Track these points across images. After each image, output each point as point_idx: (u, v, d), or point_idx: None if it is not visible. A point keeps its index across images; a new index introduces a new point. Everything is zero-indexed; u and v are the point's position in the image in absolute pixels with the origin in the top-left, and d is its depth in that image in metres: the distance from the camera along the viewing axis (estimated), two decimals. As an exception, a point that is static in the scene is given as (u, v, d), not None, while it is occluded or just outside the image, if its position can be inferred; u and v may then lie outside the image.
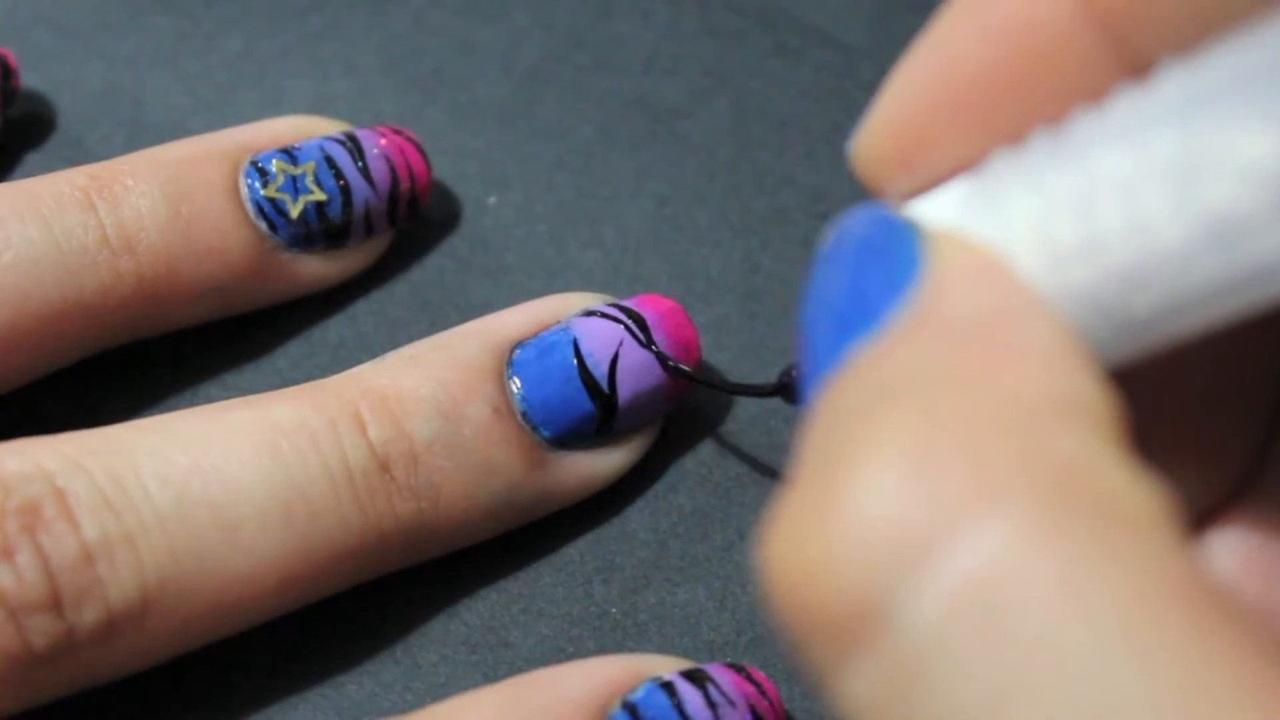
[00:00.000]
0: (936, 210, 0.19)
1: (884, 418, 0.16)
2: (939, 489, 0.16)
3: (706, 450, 0.30)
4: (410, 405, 0.27)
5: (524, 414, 0.28)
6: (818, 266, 0.19)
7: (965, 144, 0.19)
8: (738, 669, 0.26)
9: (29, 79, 0.34)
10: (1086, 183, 0.17)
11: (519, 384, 0.28)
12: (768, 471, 0.30)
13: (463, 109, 0.35)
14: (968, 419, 0.16)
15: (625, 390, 0.28)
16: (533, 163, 0.34)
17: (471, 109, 0.35)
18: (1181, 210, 0.16)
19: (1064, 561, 0.15)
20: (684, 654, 0.27)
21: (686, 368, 0.29)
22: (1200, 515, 0.20)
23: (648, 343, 0.28)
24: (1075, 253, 0.17)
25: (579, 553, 0.29)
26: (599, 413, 0.28)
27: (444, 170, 0.33)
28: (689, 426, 0.30)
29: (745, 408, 0.30)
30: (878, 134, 0.20)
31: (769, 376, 0.31)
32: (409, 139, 0.31)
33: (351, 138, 0.31)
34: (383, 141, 0.31)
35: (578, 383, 0.28)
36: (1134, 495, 0.16)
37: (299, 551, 0.26)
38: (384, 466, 0.27)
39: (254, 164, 0.30)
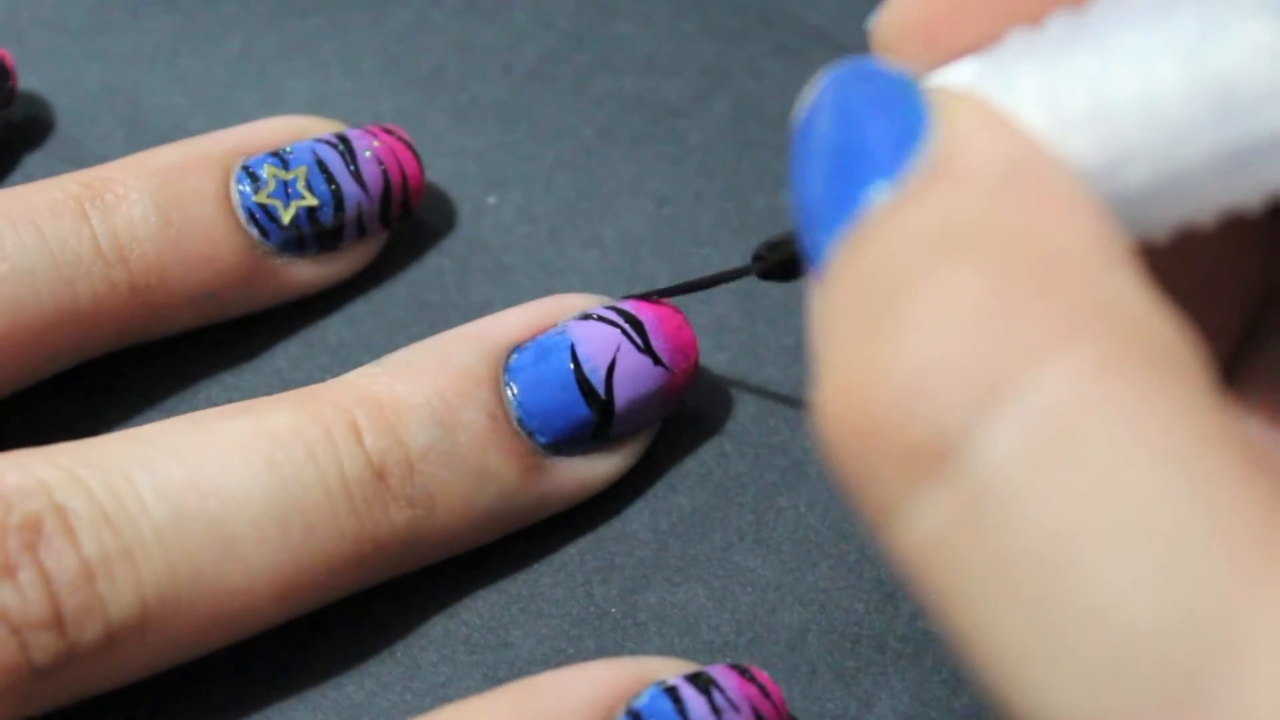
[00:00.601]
0: (945, 78, 0.20)
1: (944, 265, 0.17)
2: (1012, 328, 0.16)
3: (707, 450, 0.30)
4: (405, 413, 0.27)
5: (519, 420, 0.28)
6: (806, 119, 0.19)
7: (987, 22, 0.20)
8: (740, 670, 0.26)
9: (28, 79, 0.34)
10: (1100, 57, 0.18)
11: (515, 390, 0.28)
12: (768, 471, 0.30)
13: (463, 109, 0.35)
14: (1025, 266, 0.17)
15: (622, 396, 0.28)
16: (532, 163, 0.34)
17: (471, 109, 0.35)
18: (1188, 82, 0.17)
19: (1129, 400, 0.16)
20: (684, 654, 0.27)
21: (653, 293, 0.29)
22: None
23: (645, 348, 0.28)
24: (1080, 120, 0.18)
25: (579, 552, 0.29)
26: (595, 418, 0.28)
27: (444, 170, 0.33)
28: (689, 426, 0.30)
29: (745, 408, 0.31)
30: (901, 8, 0.20)
31: (770, 375, 0.31)
32: (400, 139, 0.31)
33: (344, 140, 0.31)
34: (375, 143, 0.31)
35: (574, 389, 0.28)
36: (1177, 337, 0.17)
37: (295, 563, 0.26)
38: (380, 475, 0.27)
39: (245, 169, 0.30)
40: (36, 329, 0.28)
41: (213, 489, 0.25)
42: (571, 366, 0.28)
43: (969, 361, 0.16)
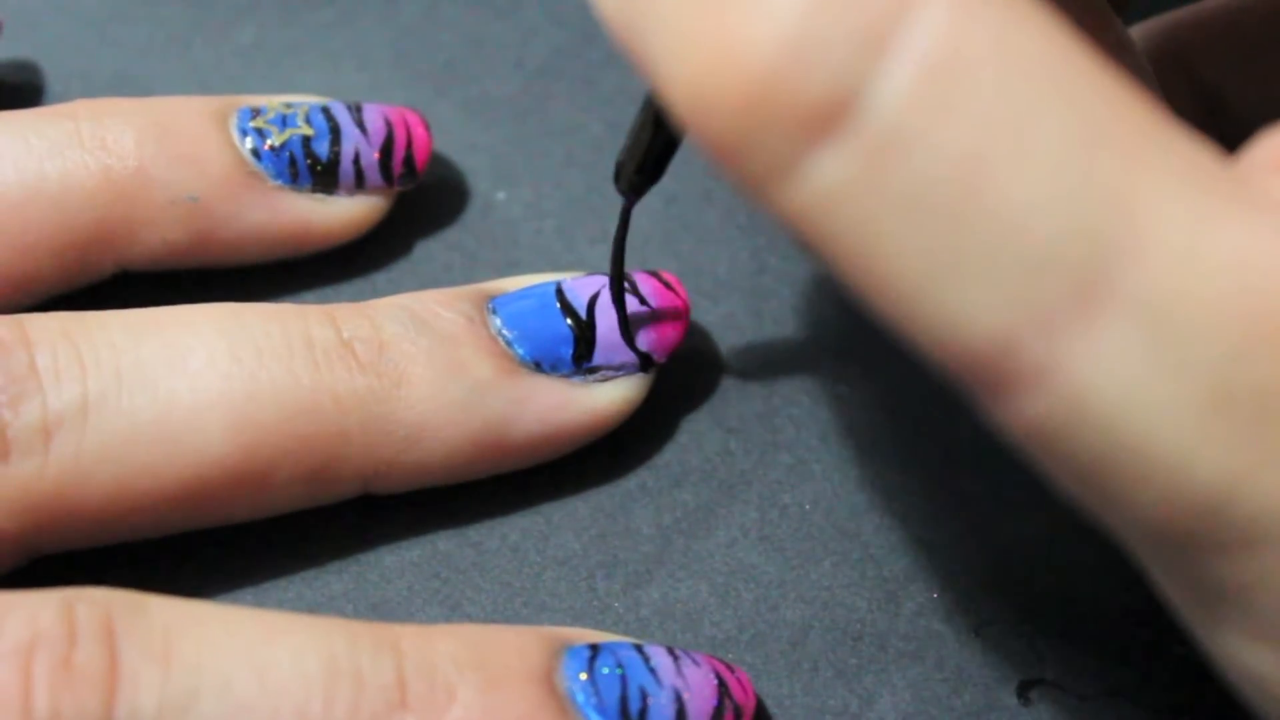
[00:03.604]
0: None
1: None
2: None
3: (711, 446, 0.30)
4: (383, 309, 0.28)
5: (499, 330, 0.28)
6: None
7: None
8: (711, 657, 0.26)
9: (42, 68, 0.34)
10: None
11: (498, 313, 0.28)
12: (772, 469, 0.30)
13: (473, 104, 0.35)
14: None
15: (604, 322, 0.28)
16: (542, 158, 0.34)
17: (482, 104, 0.35)
18: None
19: (996, 30, 0.17)
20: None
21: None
22: None
23: (631, 290, 0.29)
24: None
25: (582, 547, 0.29)
26: (575, 334, 0.28)
27: (454, 165, 0.34)
28: (693, 422, 0.30)
29: (751, 405, 0.31)
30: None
31: (775, 373, 0.31)
32: (413, 111, 0.32)
33: (356, 104, 0.31)
34: (383, 107, 0.31)
35: (554, 308, 0.28)
36: None
37: (246, 392, 0.26)
38: (347, 345, 0.27)
39: (250, 107, 0.30)
40: (4, 205, 0.28)
41: (172, 320, 0.26)
42: (554, 293, 0.29)
43: (850, 15, 0.17)
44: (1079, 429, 0.18)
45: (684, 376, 0.31)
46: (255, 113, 0.30)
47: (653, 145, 0.26)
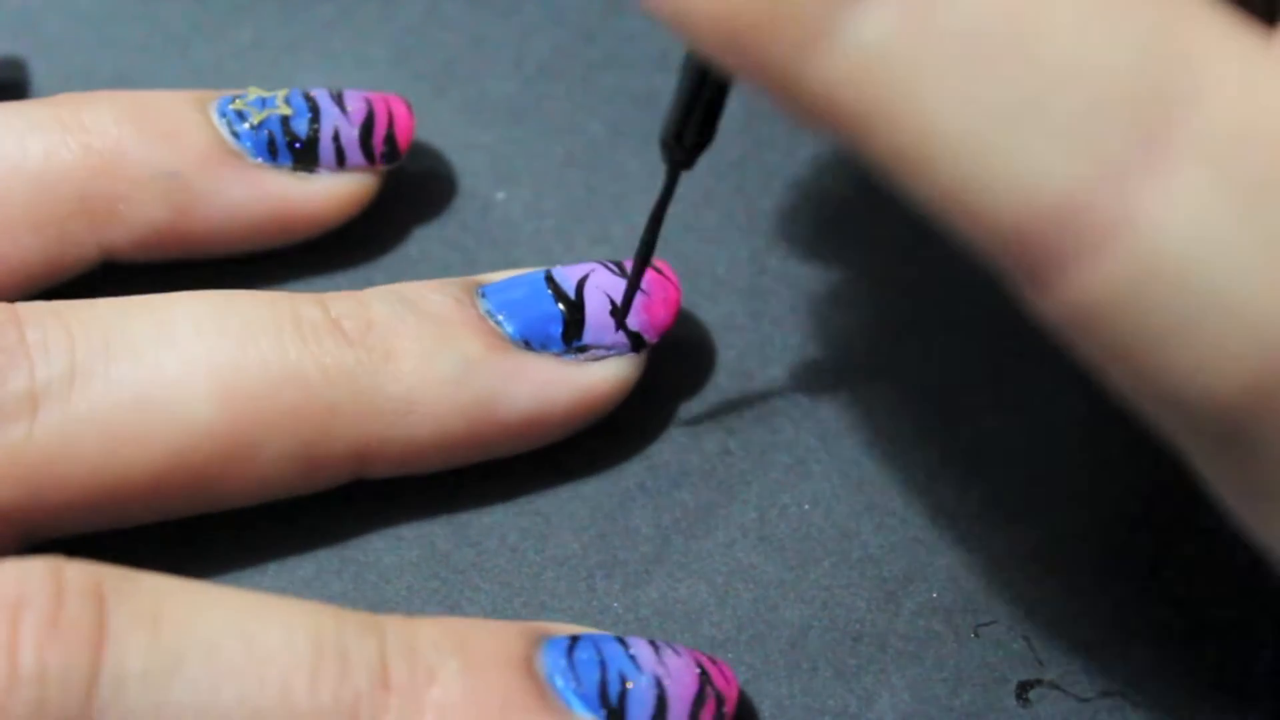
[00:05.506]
0: None
1: None
2: None
3: (710, 447, 0.30)
4: (372, 293, 0.28)
5: (488, 312, 0.28)
6: None
7: None
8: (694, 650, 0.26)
9: (41, 67, 0.34)
10: None
11: (487, 298, 0.29)
12: (771, 469, 0.30)
13: (473, 103, 0.35)
14: None
15: (593, 302, 0.29)
16: (542, 158, 0.34)
17: (481, 103, 0.35)
18: None
19: None
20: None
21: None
22: None
23: (620, 273, 0.29)
24: None
25: (581, 547, 0.29)
26: (564, 315, 0.28)
27: (453, 165, 0.34)
28: (693, 423, 0.30)
29: (750, 405, 0.31)
30: None
31: (775, 373, 0.31)
32: (395, 95, 0.32)
33: (336, 91, 0.32)
34: (364, 92, 0.32)
35: (543, 289, 0.29)
36: None
37: (232, 361, 0.26)
38: (334, 322, 0.27)
39: (230, 94, 0.31)
40: None
41: (162, 300, 0.27)
42: (544, 277, 0.29)
43: None
44: (1150, 289, 0.17)
45: (684, 377, 0.31)
46: (235, 98, 0.31)
47: (698, 102, 0.25)
